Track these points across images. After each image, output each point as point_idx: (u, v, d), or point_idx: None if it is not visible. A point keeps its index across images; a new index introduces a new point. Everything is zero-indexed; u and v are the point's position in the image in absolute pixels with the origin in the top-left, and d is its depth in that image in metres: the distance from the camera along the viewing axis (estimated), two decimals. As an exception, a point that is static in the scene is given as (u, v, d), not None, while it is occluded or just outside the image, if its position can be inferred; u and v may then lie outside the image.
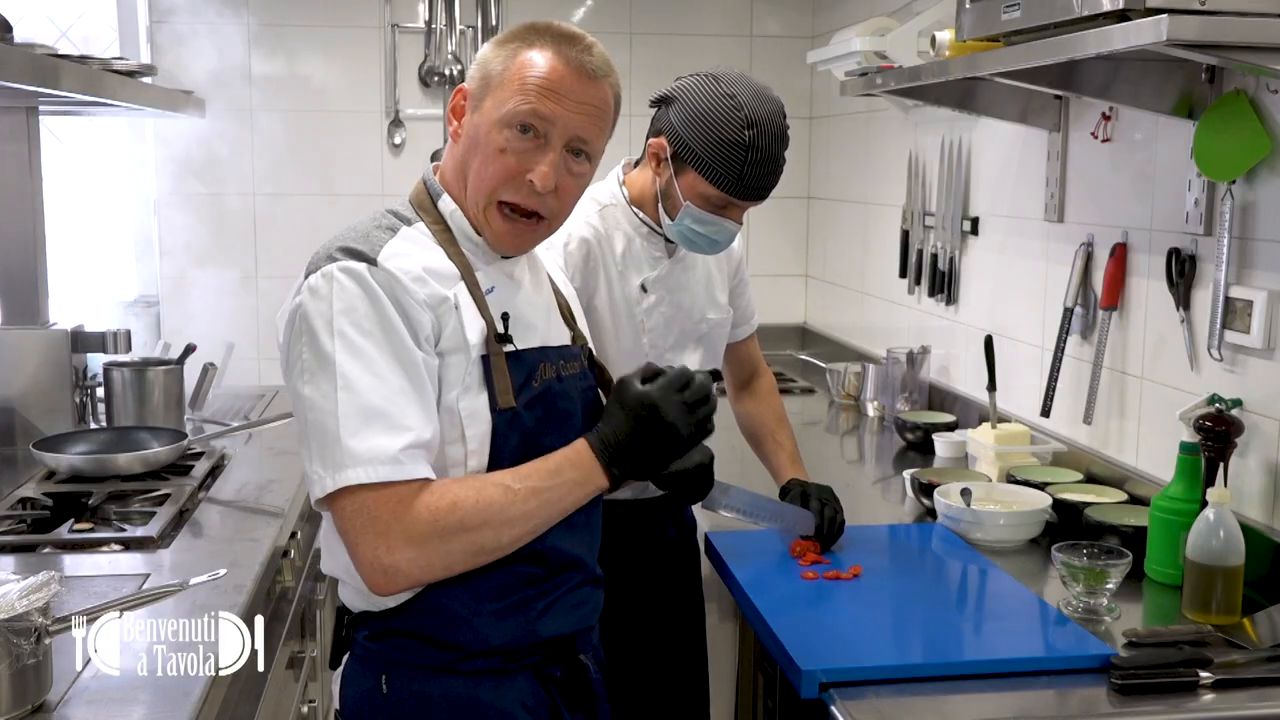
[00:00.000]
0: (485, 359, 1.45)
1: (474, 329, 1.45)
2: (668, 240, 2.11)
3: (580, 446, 1.46)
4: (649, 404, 1.46)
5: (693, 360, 2.16)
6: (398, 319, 1.39)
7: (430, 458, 1.40)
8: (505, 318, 1.48)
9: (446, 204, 1.53)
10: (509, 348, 1.47)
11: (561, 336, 1.58)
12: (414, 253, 1.46)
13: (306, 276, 1.45)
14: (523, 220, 1.49)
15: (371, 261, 1.42)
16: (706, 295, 2.20)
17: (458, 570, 1.41)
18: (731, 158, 1.93)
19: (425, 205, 1.55)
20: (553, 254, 1.83)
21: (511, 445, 1.46)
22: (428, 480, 1.38)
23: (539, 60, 1.48)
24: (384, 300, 1.39)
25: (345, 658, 1.53)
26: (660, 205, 2.05)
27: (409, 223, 1.51)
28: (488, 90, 1.48)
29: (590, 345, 1.65)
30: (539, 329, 1.53)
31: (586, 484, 1.46)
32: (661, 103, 2.02)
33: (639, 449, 1.46)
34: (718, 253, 2.13)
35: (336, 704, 1.53)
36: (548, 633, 1.51)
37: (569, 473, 1.45)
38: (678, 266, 2.15)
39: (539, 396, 1.49)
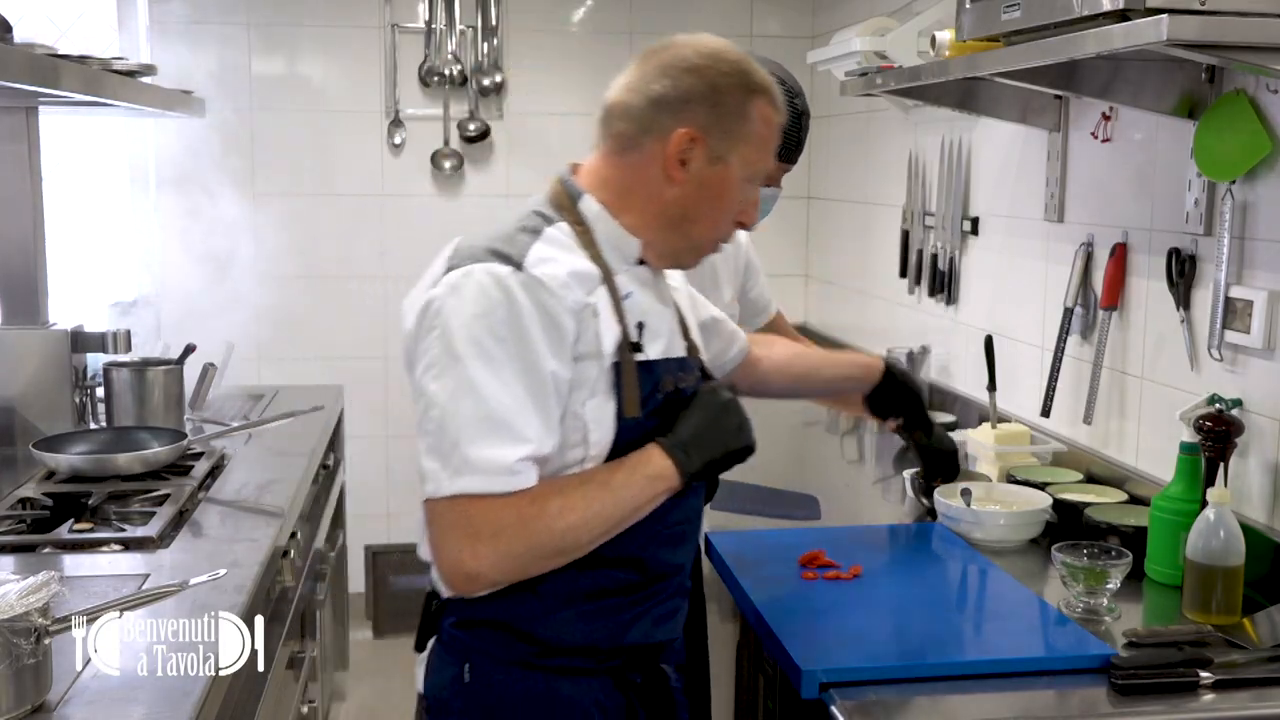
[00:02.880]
0: (617, 366, 1.46)
1: (610, 335, 1.46)
2: None
3: (650, 447, 1.49)
4: (722, 402, 1.53)
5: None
6: (534, 328, 1.40)
7: (543, 469, 1.42)
8: (640, 326, 1.50)
9: (589, 205, 1.53)
10: (640, 356, 1.49)
11: (680, 348, 1.60)
12: (558, 256, 1.46)
13: (449, 269, 1.45)
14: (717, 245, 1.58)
15: (517, 266, 1.42)
16: (714, 292, 2.20)
17: (536, 573, 1.44)
18: (791, 126, 1.97)
19: (565, 205, 1.54)
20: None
21: (630, 450, 1.48)
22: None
23: (775, 116, 1.55)
24: (523, 307, 1.40)
25: (431, 642, 1.55)
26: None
27: (551, 222, 1.51)
28: (733, 146, 1.50)
29: (704, 358, 1.67)
30: (665, 339, 1.55)
31: (659, 484, 1.47)
32: None
33: (708, 445, 1.50)
34: (764, 219, 2.10)
35: (420, 687, 1.56)
36: (634, 639, 1.53)
37: (641, 469, 1.47)
38: None
39: (660, 407, 1.51)
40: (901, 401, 2.07)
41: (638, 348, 1.49)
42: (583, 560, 1.46)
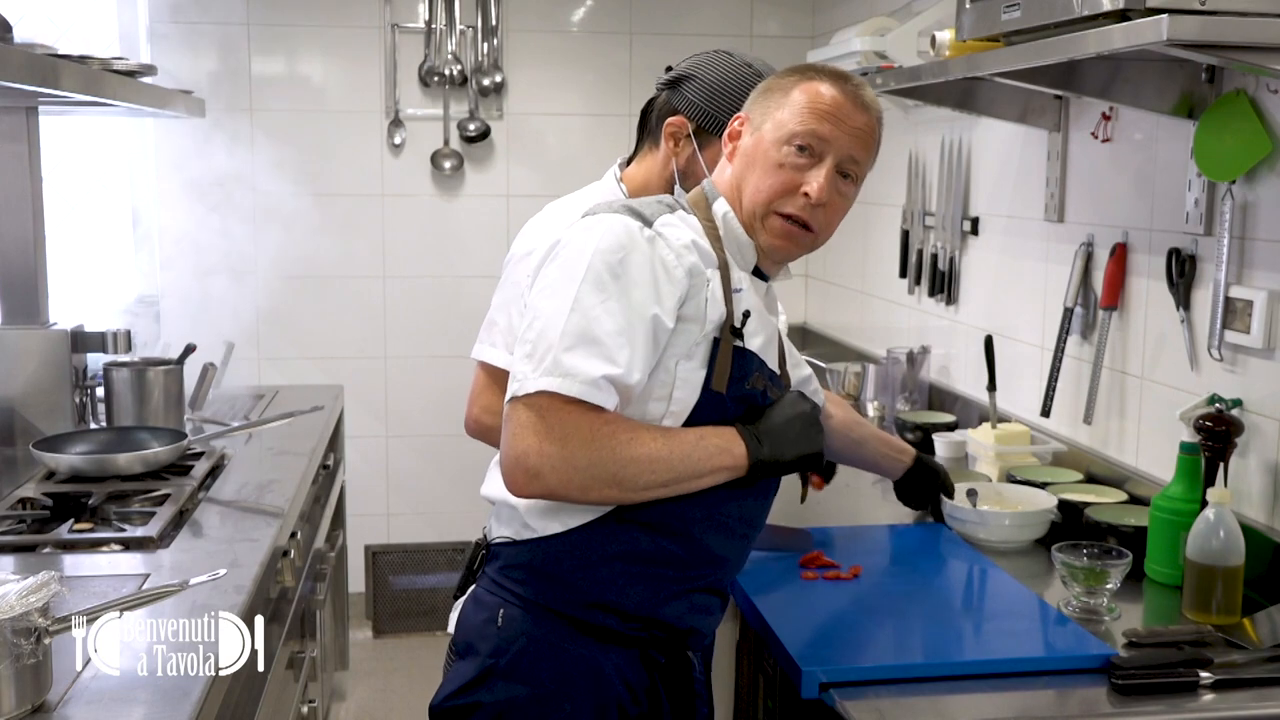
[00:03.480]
0: (716, 341, 1.54)
1: (716, 310, 1.54)
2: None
3: (731, 428, 1.56)
4: (805, 407, 1.61)
5: None
6: (647, 275, 1.49)
7: (624, 399, 1.48)
8: (746, 315, 1.57)
9: (720, 205, 1.64)
10: (738, 343, 1.56)
11: (774, 363, 1.66)
12: (686, 230, 1.56)
13: (585, 215, 1.57)
14: (797, 228, 1.61)
15: (648, 224, 1.53)
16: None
17: (590, 499, 1.50)
18: None
19: (701, 205, 1.65)
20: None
21: (706, 424, 1.54)
22: (604, 409, 1.46)
23: (820, 89, 1.62)
24: (645, 253, 1.50)
25: (470, 589, 1.64)
26: (678, 186, 2.04)
27: (684, 209, 1.62)
28: (768, 115, 1.63)
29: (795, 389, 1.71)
30: (761, 344, 1.61)
31: (724, 454, 1.53)
32: (672, 85, 2.01)
33: (782, 441, 1.57)
34: None
35: (451, 630, 1.66)
36: (667, 616, 1.58)
37: (713, 439, 1.53)
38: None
39: (746, 395, 1.58)
40: (926, 490, 2.22)
41: (738, 334, 1.56)
42: (635, 518, 1.52)
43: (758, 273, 1.67)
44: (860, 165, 1.66)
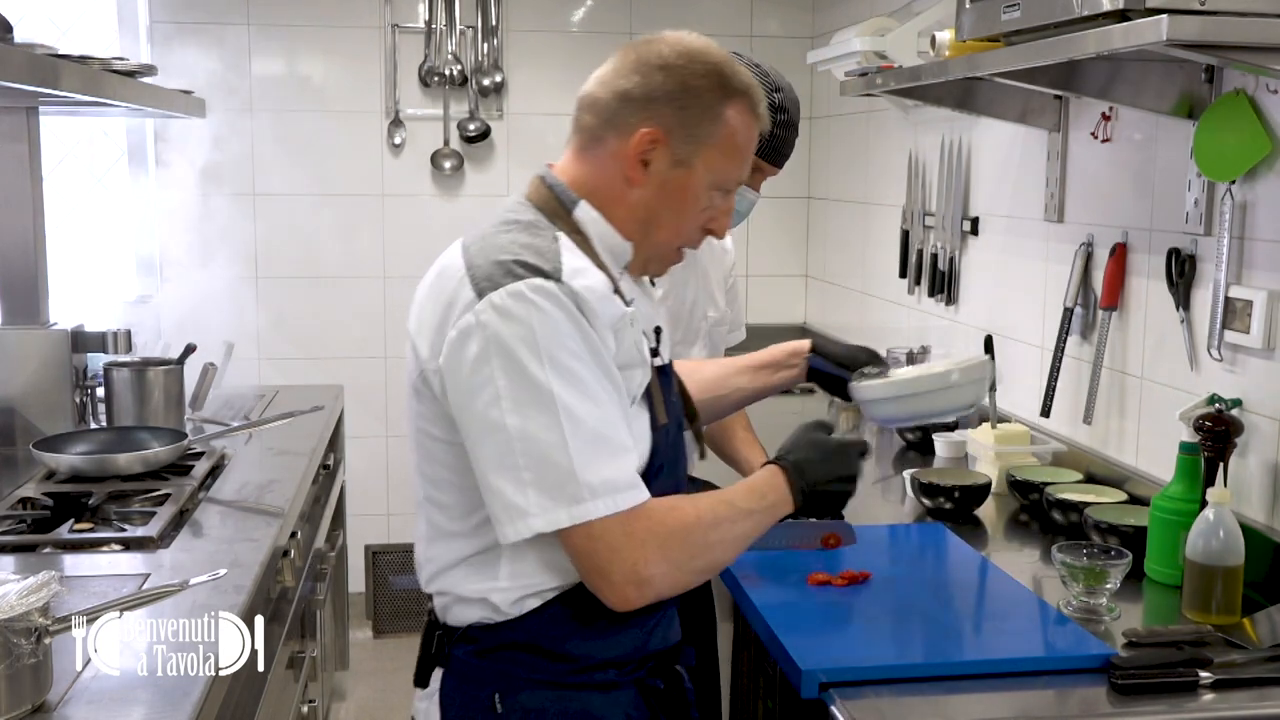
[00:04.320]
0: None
1: (643, 345, 1.46)
2: None
3: (775, 472, 1.52)
4: (849, 445, 1.57)
5: (700, 356, 2.16)
6: (595, 345, 1.37)
7: None
8: (658, 332, 1.50)
9: (586, 211, 1.47)
10: (658, 361, 1.50)
11: (669, 347, 1.61)
12: (586, 267, 1.41)
13: (481, 291, 1.36)
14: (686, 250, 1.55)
15: (558, 279, 1.36)
16: (705, 293, 2.20)
17: (692, 586, 1.45)
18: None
19: (559, 214, 1.47)
20: None
21: (663, 458, 1.47)
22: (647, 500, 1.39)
23: (748, 127, 1.48)
24: (580, 320, 1.36)
25: (438, 676, 1.50)
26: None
27: (552, 228, 1.46)
28: (698, 150, 1.45)
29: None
30: (668, 343, 1.57)
31: (780, 508, 1.51)
32: None
33: (828, 479, 1.53)
34: (738, 224, 2.07)
35: None
36: (657, 645, 1.53)
37: (770, 496, 1.50)
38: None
39: (673, 407, 1.52)
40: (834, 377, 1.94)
41: (655, 353, 1.50)
42: None
43: None
44: None
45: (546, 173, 1.52)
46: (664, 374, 1.51)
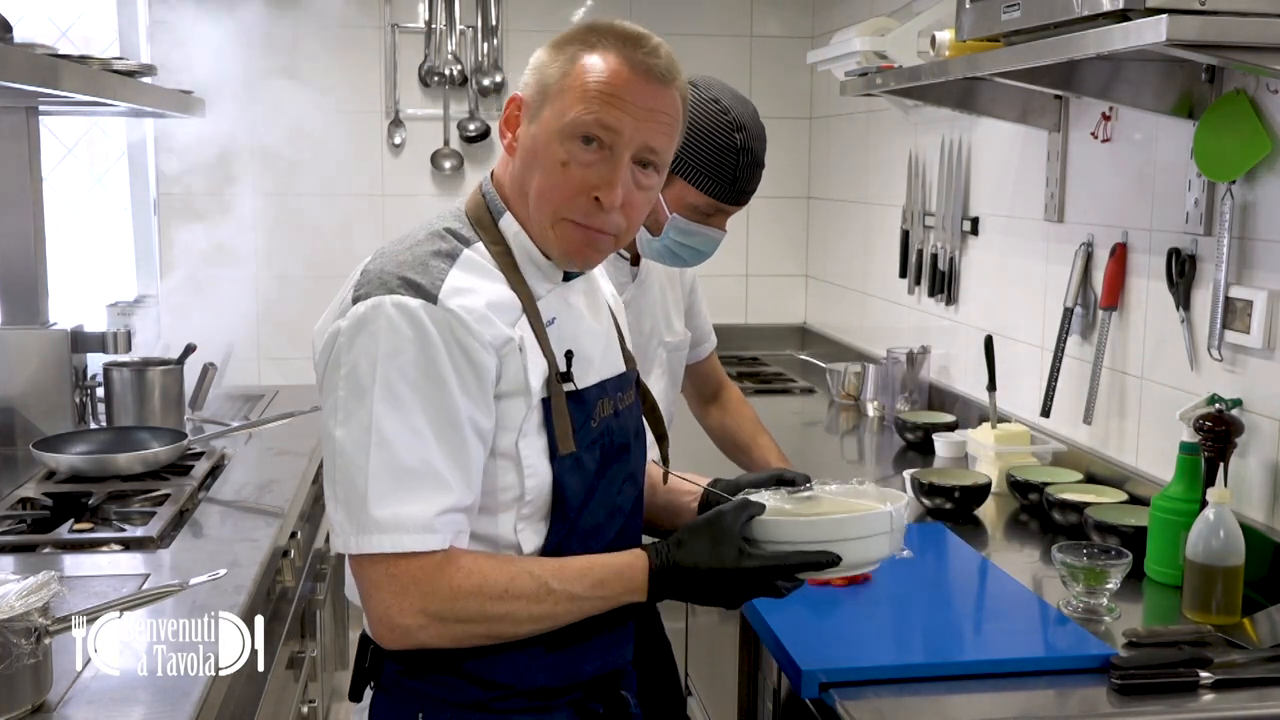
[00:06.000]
0: (545, 402, 1.36)
1: (536, 371, 1.36)
2: (631, 262, 2.06)
3: (638, 565, 1.37)
4: (742, 576, 1.37)
5: (658, 385, 2.10)
6: (449, 370, 1.29)
7: (467, 521, 1.33)
8: (569, 356, 1.40)
9: (509, 224, 1.42)
10: (569, 387, 1.39)
11: (617, 364, 1.51)
12: (477, 286, 1.34)
13: (356, 298, 1.33)
14: (594, 233, 1.38)
15: (431, 299, 1.30)
16: (664, 318, 2.13)
17: (468, 645, 1.35)
18: (724, 163, 1.86)
19: (485, 223, 1.42)
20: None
21: (572, 489, 1.39)
22: (455, 549, 1.31)
23: (601, 64, 1.35)
24: (437, 345, 1.29)
25: (369, 691, 1.45)
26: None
27: (467, 243, 1.39)
28: (545, 99, 1.38)
29: (636, 367, 1.58)
30: (597, 362, 1.46)
31: (624, 598, 1.38)
32: None
33: (698, 593, 1.38)
34: (701, 262, 2.03)
35: None
36: (591, 672, 1.46)
37: (613, 586, 1.36)
38: (639, 289, 2.08)
39: (598, 438, 1.42)
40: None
41: (567, 378, 1.39)
42: None
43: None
44: (661, 154, 1.39)
45: (486, 180, 1.48)
46: (578, 399, 1.40)
